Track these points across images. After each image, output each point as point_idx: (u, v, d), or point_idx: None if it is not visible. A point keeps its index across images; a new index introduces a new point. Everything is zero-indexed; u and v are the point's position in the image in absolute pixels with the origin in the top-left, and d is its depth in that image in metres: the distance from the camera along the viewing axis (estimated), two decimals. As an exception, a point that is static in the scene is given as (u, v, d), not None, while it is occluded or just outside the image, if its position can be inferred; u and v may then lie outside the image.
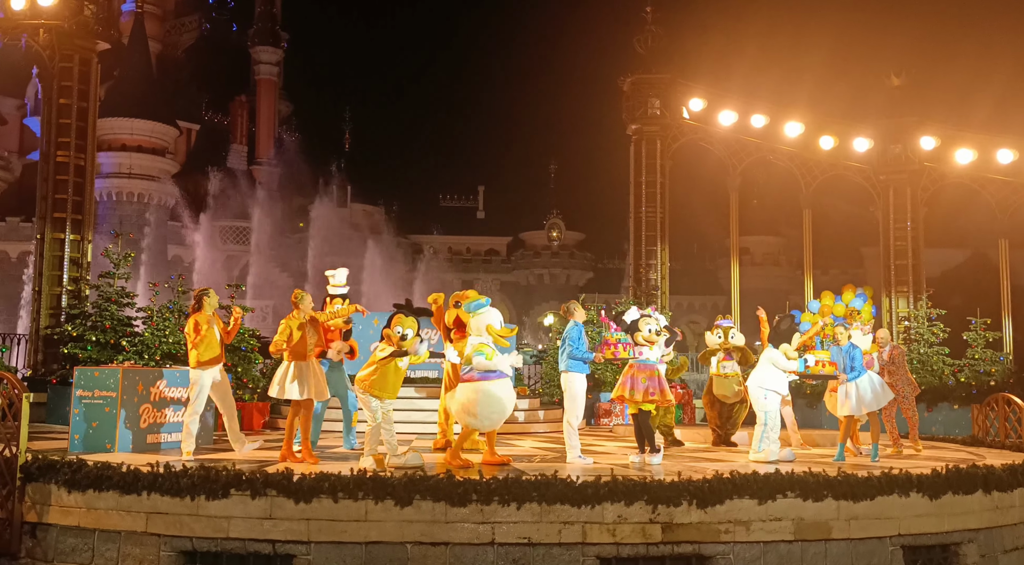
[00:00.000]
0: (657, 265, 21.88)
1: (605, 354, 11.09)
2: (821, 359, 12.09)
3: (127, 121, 49.15)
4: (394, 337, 9.98)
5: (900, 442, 13.08)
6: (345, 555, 8.61)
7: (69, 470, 9.13)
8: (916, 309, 20.40)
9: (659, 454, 11.03)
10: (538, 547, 8.67)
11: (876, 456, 11.94)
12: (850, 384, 12.04)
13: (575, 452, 11.02)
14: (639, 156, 22.20)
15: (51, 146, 18.03)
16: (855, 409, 12.05)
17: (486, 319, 10.42)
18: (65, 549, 9.09)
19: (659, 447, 11.41)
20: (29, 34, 18.13)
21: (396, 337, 9.98)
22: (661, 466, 10.66)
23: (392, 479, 8.71)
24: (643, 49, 22.50)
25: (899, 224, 21.43)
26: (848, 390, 12.08)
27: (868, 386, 12.10)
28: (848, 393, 12.09)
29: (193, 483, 8.76)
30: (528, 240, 64.65)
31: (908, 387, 13.42)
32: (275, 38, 63.07)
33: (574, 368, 11.02)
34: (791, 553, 9.06)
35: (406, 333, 9.99)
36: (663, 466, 10.74)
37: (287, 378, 10.68)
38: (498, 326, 10.45)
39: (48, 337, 17.39)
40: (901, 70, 21.61)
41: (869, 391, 12.07)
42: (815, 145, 21.78)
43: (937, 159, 21.23)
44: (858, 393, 12.02)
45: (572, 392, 11.05)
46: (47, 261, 17.72)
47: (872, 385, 12.12)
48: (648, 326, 11.03)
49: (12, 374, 10.94)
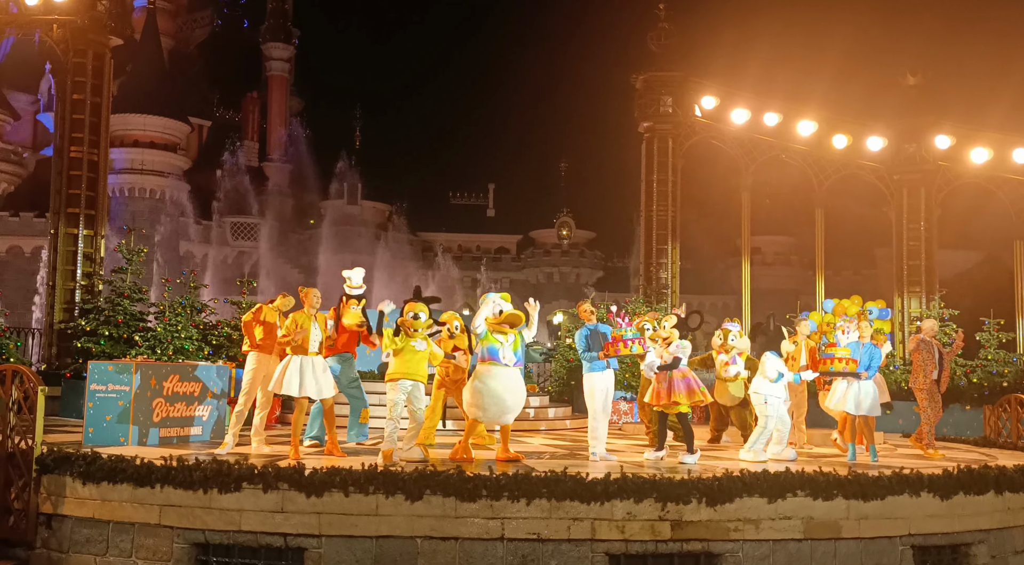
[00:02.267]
0: (668, 264, 21.84)
1: (609, 352, 11.08)
2: (842, 356, 11.99)
3: (140, 117, 49.39)
4: (409, 322, 10.17)
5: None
6: (356, 549, 8.67)
7: (84, 462, 9.22)
8: (929, 309, 20.33)
9: (696, 454, 11.02)
10: (547, 543, 8.70)
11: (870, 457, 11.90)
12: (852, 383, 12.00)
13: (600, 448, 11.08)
14: (651, 154, 22.15)
15: (65, 141, 18.10)
16: (852, 408, 11.98)
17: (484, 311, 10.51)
18: (80, 540, 9.17)
19: (665, 447, 11.46)
20: (43, 29, 18.21)
21: (411, 321, 10.17)
22: (697, 464, 10.64)
23: (403, 474, 8.76)
24: (656, 47, 22.45)
25: (913, 224, 21.34)
26: (853, 388, 12.01)
27: (872, 391, 12.06)
28: (850, 391, 12.02)
29: (206, 476, 8.83)
30: (538, 238, 64.61)
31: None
32: (287, 34, 63.19)
33: (592, 368, 11.09)
34: (800, 552, 9.06)
35: (419, 314, 10.20)
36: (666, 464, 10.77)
37: (287, 373, 10.70)
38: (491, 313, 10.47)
39: (62, 331, 17.48)
40: (917, 69, 21.52)
41: (871, 396, 12.03)
42: (828, 144, 21.69)
43: (952, 159, 21.12)
44: (859, 394, 11.98)
45: (587, 391, 11.12)
46: (60, 256, 17.80)
47: (875, 391, 12.11)
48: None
49: (28, 368, 11.00)
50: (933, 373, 12.54)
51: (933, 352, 12.60)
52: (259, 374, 11.14)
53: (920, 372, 12.60)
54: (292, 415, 10.85)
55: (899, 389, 16.50)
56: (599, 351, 11.01)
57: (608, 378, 11.14)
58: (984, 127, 21.62)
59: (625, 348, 11.00)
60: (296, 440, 10.61)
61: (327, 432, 11.04)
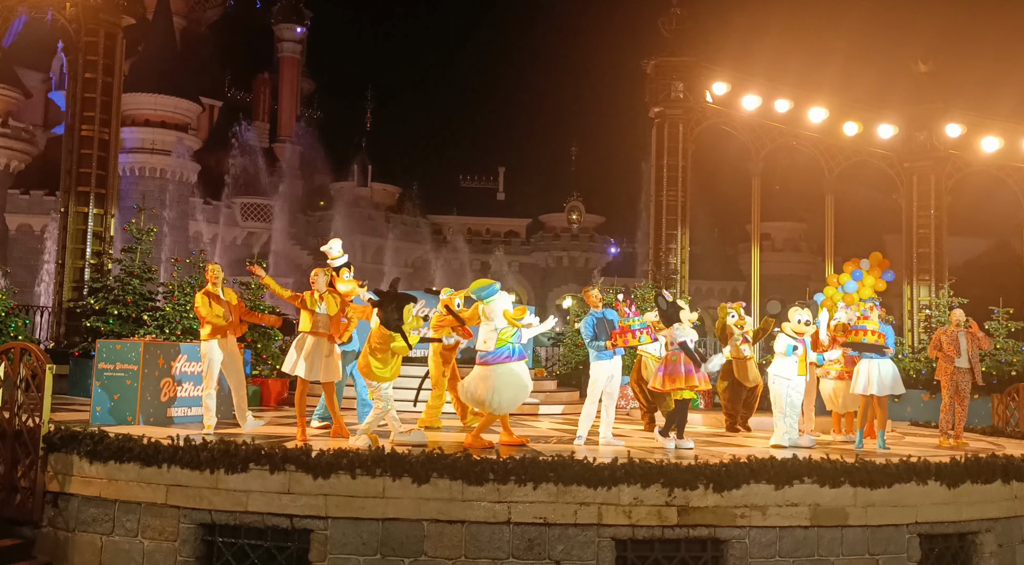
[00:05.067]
0: (677, 249, 21.80)
1: (617, 342, 11.05)
2: (871, 328, 11.93)
3: (151, 97, 49.28)
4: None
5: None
6: (362, 531, 8.68)
7: (91, 441, 9.23)
8: (938, 297, 20.26)
9: (687, 441, 11.03)
10: (554, 527, 8.71)
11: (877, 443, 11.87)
12: (873, 362, 11.95)
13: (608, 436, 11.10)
14: (661, 139, 22.08)
15: (76, 120, 18.10)
16: (876, 389, 11.92)
17: (502, 304, 10.44)
18: (86, 519, 9.20)
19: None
20: (55, 8, 18.17)
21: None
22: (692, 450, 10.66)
23: (410, 457, 8.76)
24: (667, 32, 22.36)
25: (922, 212, 21.26)
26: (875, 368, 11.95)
27: (892, 369, 12.00)
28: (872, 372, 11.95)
29: (213, 457, 8.84)
30: (548, 222, 64.45)
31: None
32: (299, 15, 62.97)
33: (598, 356, 11.07)
34: (807, 538, 9.06)
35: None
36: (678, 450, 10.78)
37: (300, 352, 10.69)
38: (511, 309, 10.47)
39: (71, 310, 17.53)
40: (928, 56, 21.35)
41: (892, 374, 11.96)
42: (839, 131, 21.60)
43: (962, 147, 21.02)
44: (880, 374, 11.90)
45: (592, 378, 11.12)
46: (71, 234, 17.83)
47: (895, 369, 12.04)
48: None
49: (36, 346, 11.03)
50: (957, 361, 12.64)
51: (955, 341, 12.71)
52: (214, 357, 11.13)
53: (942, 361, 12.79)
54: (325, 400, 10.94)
55: (907, 377, 16.44)
56: (606, 340, 10.99)
57: (615, 365, 11.15)
58: (995, 115, 21.51)
59: (634, 339, 11.00)
60: (302, 420, 10.66)
61: (331, 414, 11.06)
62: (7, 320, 15.93)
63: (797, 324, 11.41)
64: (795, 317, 11.49)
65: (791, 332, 11.47)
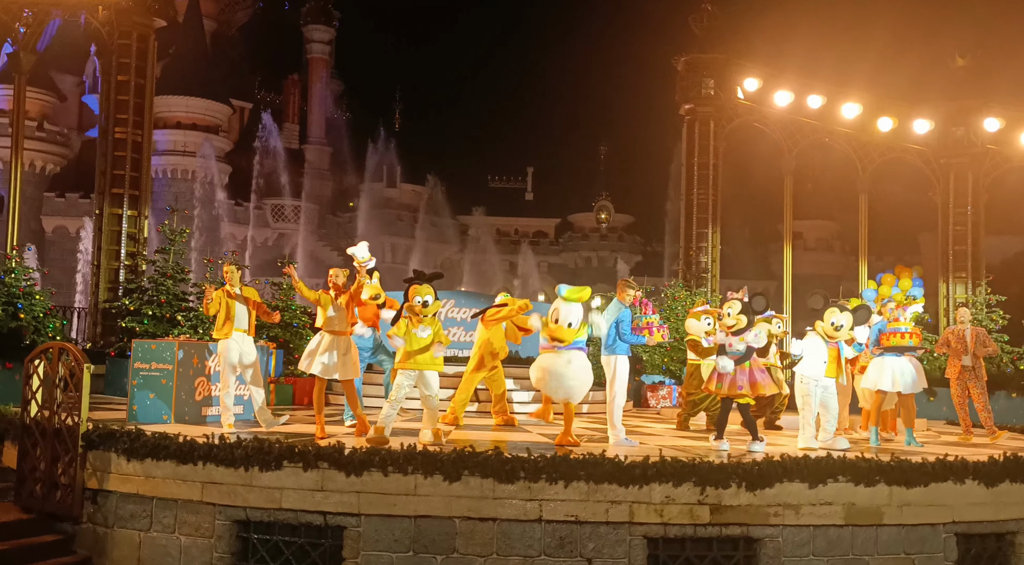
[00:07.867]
0: (708, 248, 21.66)
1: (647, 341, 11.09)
2: (905, 330, 11.81)
3: (182, 99, 49.78)
4: (417, 308, 9.92)
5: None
6: (394, 528, 8.72)
7: (128, 439, 9.34)
8: (975, 295, 20.01)
9: (762, 442, 10.79)
10: (585, 525, 8.70)
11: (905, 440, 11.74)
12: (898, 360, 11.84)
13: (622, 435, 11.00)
14: (692, 137, 21.96)
15: (109, 122, 18.32)
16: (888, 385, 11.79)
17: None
18: (124, 515, 9.31)
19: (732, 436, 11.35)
20: (88, 11, 18.41)
21: (419, 307, 9.91)
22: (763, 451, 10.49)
23: (441, 454, 8.79)
24: (698, 28, 22.24)
25: (959, 209, 21.01)
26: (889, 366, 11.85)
27: (911, 368, 11.87)
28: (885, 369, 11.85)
29: (247, 454, 8.92)
30: (576, 222, 64.30)
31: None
32: (328, 17, 63.24)
33: (623, 351, 10.97)
34: (841, 538, 8.99)
35: (426, 300, 9.94)
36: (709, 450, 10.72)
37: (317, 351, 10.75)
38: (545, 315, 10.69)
39: (106, 310, 17.74)
40: (966, 50, 21.12)
41: (911, 373, 11.84)
42: (873, 127, 21.35)
43: (1001, 142, 20.71)
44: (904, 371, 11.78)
45: (622, 376, 10.98)
46: (105, 236, 18.06)
47: (914, 369, 11.92)
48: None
49: (74, 346, 11.17)
50: (963, 360, 12.81)
51: (962, 339, 12.93)
52: (228, 356, 11.21)
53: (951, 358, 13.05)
54: (344, 397, 11.04)
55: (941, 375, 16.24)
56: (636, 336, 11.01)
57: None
58: (1035, 110, 21.16)
59: (651, 335, 10.97)
60: (320, 418, 10.76)
61: (353, 411, 11.08)
62: (45, 321, 16.13)
63: (830, 326, 11.04)
64: (829, 318, 11.05)
65: (822, 332, 11.19)
